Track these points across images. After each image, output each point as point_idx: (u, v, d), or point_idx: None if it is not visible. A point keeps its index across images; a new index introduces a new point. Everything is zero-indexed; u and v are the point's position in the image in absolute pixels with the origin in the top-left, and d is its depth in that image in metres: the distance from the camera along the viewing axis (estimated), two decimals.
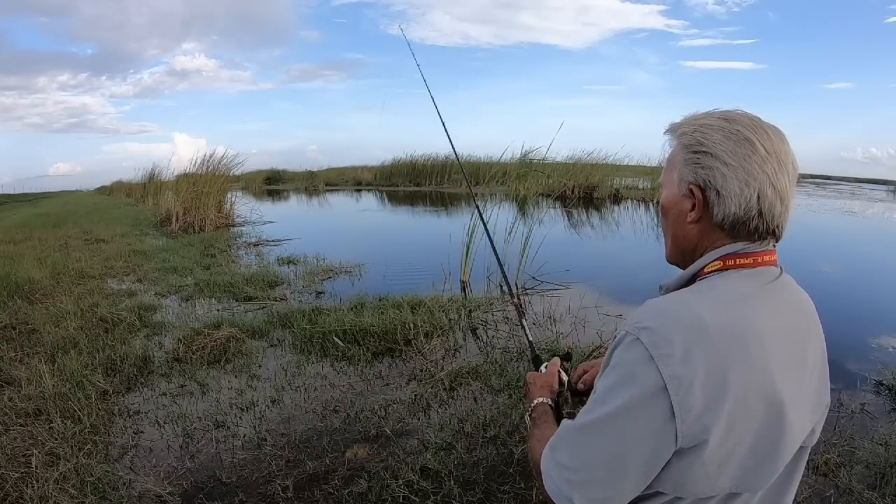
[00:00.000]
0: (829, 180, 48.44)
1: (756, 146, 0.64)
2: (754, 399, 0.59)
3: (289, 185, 25.99)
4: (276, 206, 16.75)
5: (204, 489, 1.98)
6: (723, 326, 0.60)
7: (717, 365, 0.58)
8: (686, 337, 0.59)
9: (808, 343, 0.69)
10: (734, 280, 0.66)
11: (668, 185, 0.73)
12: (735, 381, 0.58)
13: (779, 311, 0.65)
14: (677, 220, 0.72)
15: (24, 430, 2.31)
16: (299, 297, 4.72)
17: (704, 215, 0.68)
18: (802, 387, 0.66)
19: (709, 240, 0.69)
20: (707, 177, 0.66)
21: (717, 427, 0.57)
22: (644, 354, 0.59)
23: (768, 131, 0.66)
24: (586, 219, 11.72)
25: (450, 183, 21.75)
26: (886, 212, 15.78)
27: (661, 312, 0.62)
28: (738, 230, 0.66)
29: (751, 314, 0.62)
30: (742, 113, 0.68)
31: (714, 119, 0.68)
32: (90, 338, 3.49)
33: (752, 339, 0.60)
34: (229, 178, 11.47)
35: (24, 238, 8.58)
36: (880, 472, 2.05)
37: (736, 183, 0.64)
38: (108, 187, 29.51)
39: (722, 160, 0.65)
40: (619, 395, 0.59)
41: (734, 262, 0.66)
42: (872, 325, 4.03)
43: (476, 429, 2.35)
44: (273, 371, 3.08)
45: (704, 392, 0.57)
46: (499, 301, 4.57)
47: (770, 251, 0.68)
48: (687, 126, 0.70)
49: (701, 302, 0.63)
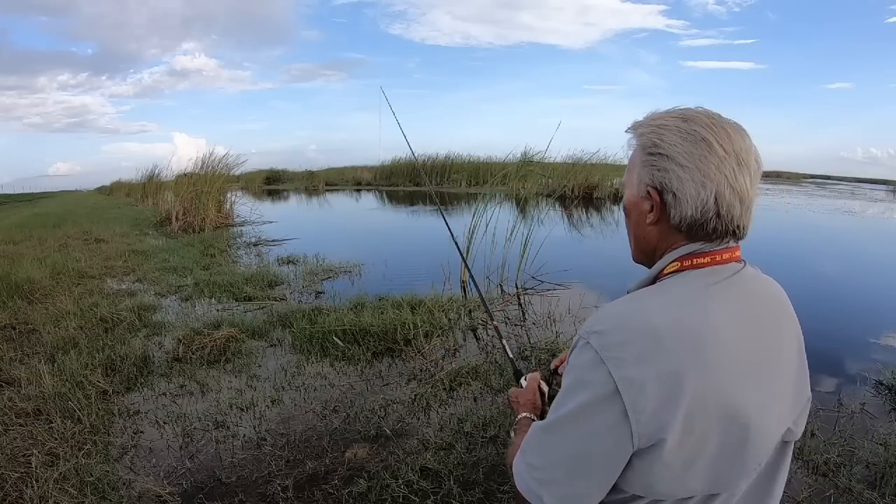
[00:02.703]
0: (829, 180, 48.48)
1: (713, 146, 0.63)
2: (713, 397, 0.58)
3: (288, 185, 25.98)
4: (275, 206, 16.75)
5: (204, 489, 1.98)
6: (673, 326, 0.59)
7: (668, 365, 0.58)
8: (635, 338, 0.59)
9: (777, 335, 0.67)
10: (688, 279, 0.65)
11: (629, 185, 0.72)
12: (690, 380, 0.57)
13: (738, 305, 0.64)
14: (638, 222, 0.71)
15: (24, 430, 2.31)
16: (299, 297, 4.72)
17: (662, 217, 0.67)
18: (772, 382, 0.64)
19: (667, 241, 0.68)
20: (663, 179, 0.65)
21: (674, 426, 0.57)
22: (594, 358, 0.60)
23: (727, 129, 0.64)
24: (586, 219, 11.72)
25: (449, 183, 21.75)
26: (886, 212, 15.78)
27: (611, 316, 0.63)
28: (695, 232, 0.65)
29: (702, 311, 0.61)
30: (701, 111, 0.66)
31: (671, 118, 0.66)
32: (90, 338, 3.49)
33: (705, 336, 0.59)
34: (229, 178, 11.47)
35: (24, 238, 8.58)
36: (880, 472, 2.05)
37: (692, 185, 0.63)
38: (108, 187, 29.52)
39: (677, 162, 0.64)
40: (575, 397, 0.61)
41: (691, 262, 0.66)
42: (872, 325, 4.03)
43: (476, 429, 2.35)
44: (273, 371, 3.08)
45: (657, 392, 0.57)
46: (498, 301, 4.57)
47: (730, 248, 0.67)
48: (645, 126, 0.68)
49: (652, 303, 0.63)
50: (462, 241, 5.40)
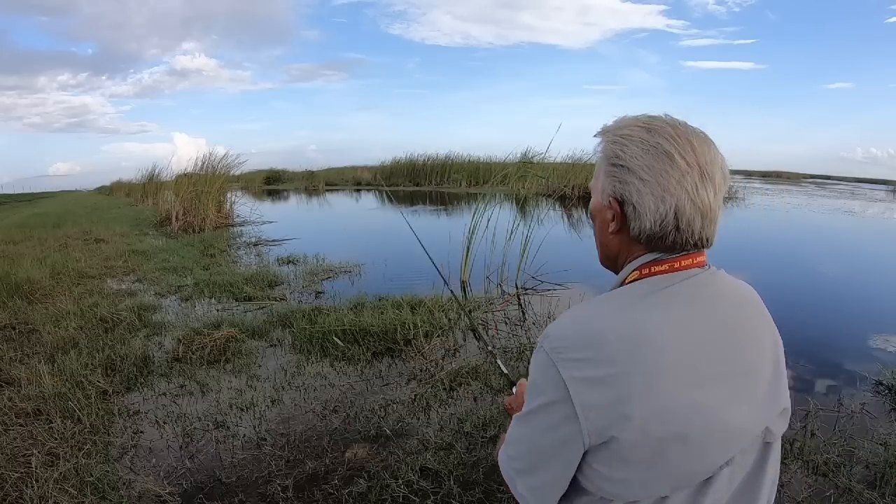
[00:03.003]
0: (829, 180, 48.47)
1: (675, 160, 0.62)
2: (661, 396, 0.59)
3: (288, 185, 25.99)
4: (275, 206, 16.75)
5: (204, 489, 1.98)
6: (616, 329, 0.61)
7: (613, 367, 0.59)
8: (581, 342, 0.61)
9: (741, 337, 0.66)
10: (640, 285, 0.66)
11: (594, 192, 0.73)
12: (635, 381, 0.59)
13: (689, 307, 0.64)
14: (601, 229, 0.72)
15: (24, 430, 2.31)
16: (299, 297, 4.72)
17: (623, 227, 0.68)
18: (734, 382, 0.64)
19: (629, 250, 0.69)
20: (623, 191, 0.65)
21: (625, 425, 0.59)
22: (546, 360, 0.63)
23: (693, 140, 0.64)
24: (586, 219, 11.72)
25: (449, 183, 21.76)
26: (886, 212, 15.79)
27: (563, 321, 0.66)
28: (654, 243, 0.66)
29: (644, 314, 0.62)
30: (666, 121, 0.66)
31: (636, 129, 0.66)
32: (90, 338, 3.49)
33: (647, 338, 0.60)
34: (229, 178, 11.48)
35: (24, 238, 8.58)
36: (880, 472, 2.05)
37: (651, 199, 0.63)
38: (108, 187, 29.54)
39: (638, 175, 0.64)
40: (534, 396, 0.66)
41: (649, 270, 0.66)
42: (872, 325, 4.03)
43: (476, 429, 2.35)
44: (273, 371, 3.08)
45: (603, 392, 0.59)
46: (499, 301, 4.57)
47: (690, 255, 0.66)
48: (611, 134, 0.68)
49: (601, 308, 0.65)
50: (462, 240, 5.41)
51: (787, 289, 5.05)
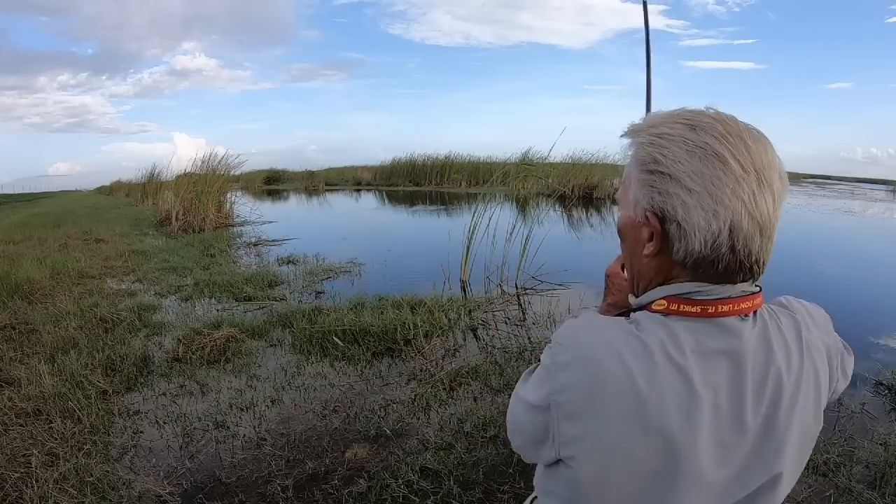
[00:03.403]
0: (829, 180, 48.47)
1: (729, 164, 0.51)
2: (637, 457, 0.54)
3: (288, 185, 25.98)
4: (275, 206, 16.75)
5: (204, 489, 1.98)
6: (622, 379, 0.53)
7: (599, 413, 0.54)
8: (582, 373, 0.56)
9: (755, 426, 0.56)
10: (670, 333, 0.54)
11: (623, 204, 0.61)
12: (615, 435, 0.54)
13: (710, 386, 0.54)
14: (633, 250, 0.61)
15: (24, 430, 2.30)
16: (299, 297, 4.71)
17: (664, 249, 0.56)
18: (720, 461, 0.55)
19: (667, 275, 0.58)
20: (665, 205, 0.53)
21: (589, 462, 0.56)
22: (548, 368, 0.60)
23: (747, 139, 0.53)
24: (586, 219, 11.72)
25: (449, 183, 21.76)
26: (886, 211, 15.78)
27: (576, 339, 0.58)
28: (703, 270, 0.54)
29: (664, 381, 0.53)
30: (712, 115, 0.54)
31: (677, 126, 0.54)
32: (90, 338, 3.48)
33: (654, 408, 0.52)
34: (229, 178, 11.47)
35: (24, 238, 8.57)
36: (880, 472, 2.05)
37: (700, 213, 0.51)
38: (108, 187, 29.52)
39: (683, 185, 0.52)
40: (528, 390, 0.64)
41: (678, 307, 0.55)
42: (872, 325, 4.03)
43: (476, 429, 2.34)
44: (273, 371, 3.08)
45: (579, 426, 0.56)
46: (499, 301, 4.57)
47: (731, 300, 0.55)
48: (644, 133, 0.56)
49: (620, 347, 0.54)
50: (462, 240, 5.41)
51: (787, 289, 5.01)
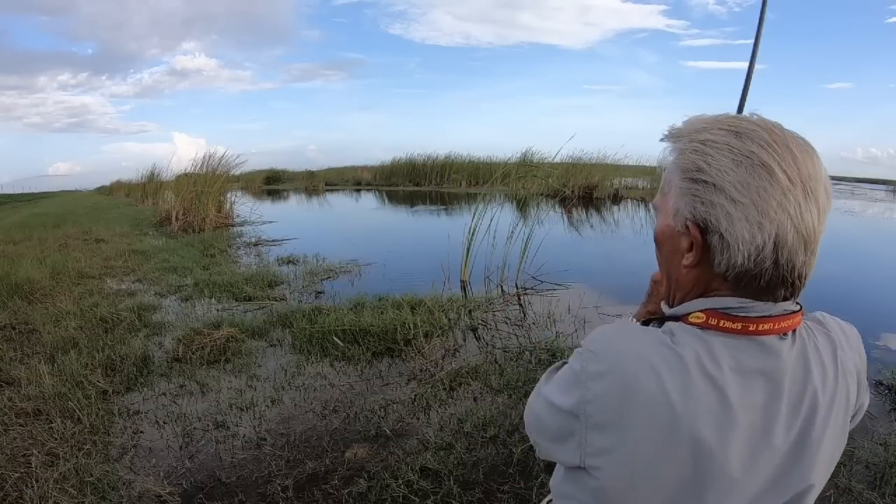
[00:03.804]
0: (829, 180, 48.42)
1: (776, 174, 0.49)
2: (665, 476, 0.53)
3: (288, 185, 25.99)
4: (275, 206, 16.75)
5: (204, 489, 1.98)
6: (656, 394, 0.51)
7: (630, 428, 0.53)
8: (616, 385, 0.54)
9: (783, 448, 0.54)
10: (708, 349, 0.53)
11: (662, 212, 0.59)
12: (644, 451, 0.53)
13: (744, 408, 0.52)
14: (671, 260, 0.59)
15: (24, 430, 2.30)
16: (299, 297, 4.71)
17: (704, 260, 0.54)
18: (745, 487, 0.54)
19: (706, 287, 0.56)
20: (708, 215, 0.52)
21: (615, 475, 0.55)
22: (578, 374, 0.57)
23: (794, 149, 0.51)
24: (586, 219, 11.72)
25: (449, 183, 21.76)
26: (886, 211, 15.79)
27: (611, 348, 0.56)
28: (745, 284, 0.53)
29: (699, 400, 0.51)
30: (759, 122, 0.52)
31: (721, 133, 0.52)
32: (90, 338, 3.48)
33: (686, 426, 0.51)
34: (229, 178, 11.48)
35: (24, 238, 8.57)
36: (880, 472, 2.05)
37: (746, 226, 0.50)
38: (108, 187, 29.53)
39: (728, 195, 0.50)
40: (554, 390, 0.62)
41: (717, 322, 0.53)
42: (872, 325, 4.03)
43: (476, 429, 2.34)
44: (273, 371, 3.08)
45: (608, 439, 0.55)
46: (499, 301, 4.57)
47: (773, 318, 0.53)
48: (686, 139, 0.55)
49: (656, 360, 0.53)
50: (462, 241, 5.41)
51: None
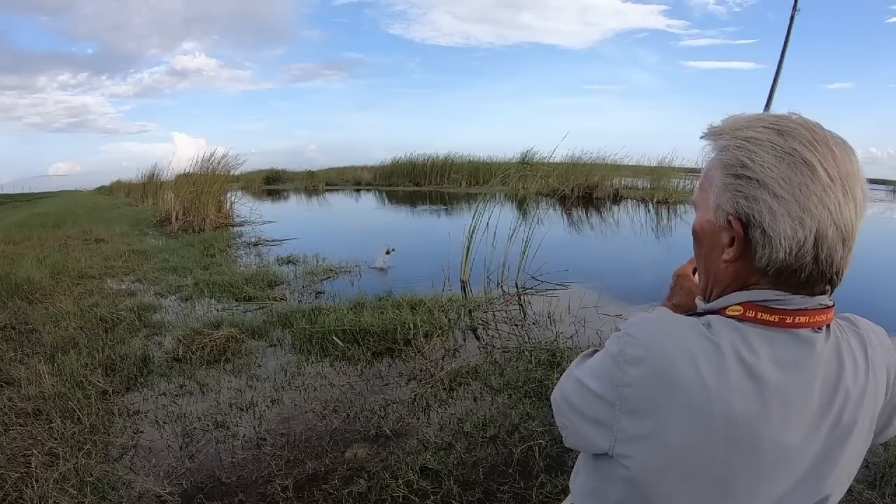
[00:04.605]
0: None
1: (817, 171, 0.51)
2: (696, 469, 0.54)
3: (288, 185, 26.00)
4: (275, 206, 16.75)
5: (203, 489, 1.98)
6: (695, 382, 0.53)
7: (665, 416, 0.54)
8: (653, 371, 0.55)
9: (819, 439, 0.57)
10: (746, 340, 0.54)
11: (702, 207, 0.61)
12: (678, 441, 0.54)
13: (781, 400, 0.53)
14: (710, 254, 0.60)
15: (24, 430, 2.30)
16: (299, 297, 4.72)
17: (745, 255, 0.56)
18: (776, 481, 0.56)
19: (745, 281, 0.58)
20: (751, 210, 0.53)
21: (645, 466, 0.56)
22: (616, 357, 0.58)
23: (833, 147, 0.52)
24: (586, 219, 11.72)
25: (449, 183, 21.77)
26: (886, 212, 15.80)
27: (651, 335, 0.57)
28: (785, 279, 0.54)
29: (736, 390, 0.53)
30: (798, 121, 0.54)
31: (764, 130, 0.54)
32: (90, 338, 3.48)
33: (720, 415, 0.53)
34: (229, 178, 11.48)
35: (24, 238, 8.57)
36: (880, 472, 2.05)
37: (787, 221, 0.51)
38: (108, 187, 29.56)
39: (771, 191, 0.52)
40: (587, 374, 0.63)
41: (755, 314, 0.55)
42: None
43: (476, 429, 2.34)
44: (273, 371, 3.08)
45: (641, 426, 0.56)
46: (499, 301, 4.57)
47: (810, 311, 0.55)
48: (729, 136, 0.56)
49: (694, 349, 0.54)
50: (462, 240, 5.41)
51: None
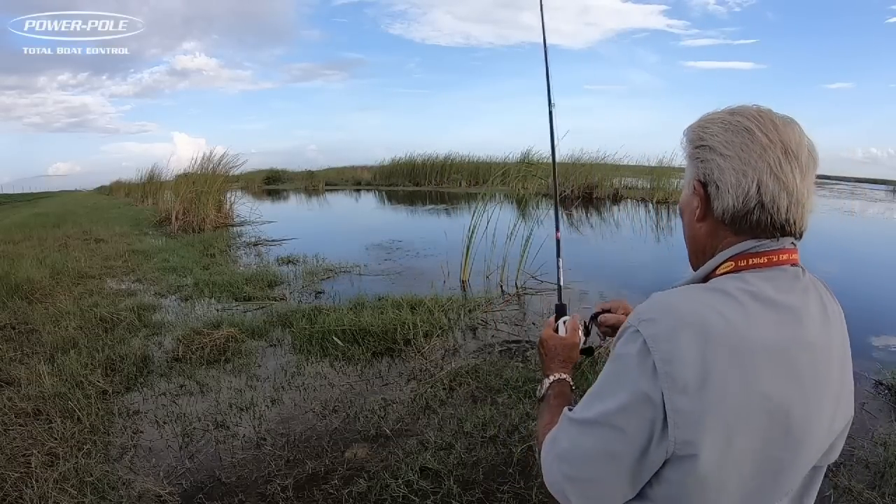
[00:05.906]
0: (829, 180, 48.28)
1: (755, 135, 0.61)
2: (758, 416, 0.57)
3: (288, 185, 26.00)
4: (275, 206, 16.75)
5: (203, 489, 1.98)
6: (725, 329, 0.56)
7: (716, 371, 0.55)
8: (687, 335, 0.56)
9: (832, 352, 0.63)
10: (748, 281, 0.61)
11: (685, 187, 0.72)
12: (735, 391, 0.55)
13: (799, 318, 0.60)
14: (689, 221, 0.70)
15: (24, 430, 2.31)
16: (299, 297, 4.71)
17: (708, 211, 0.66)
18: (822, 402, 0.61)
19: (716, 238, 0.66)
20: (705, 170, 0.65)
21: (712, 437, 0.55)
22: (643, 349, 0.57)
23: (776, 121, 0.63)
24: (586, 219, 11.72)
25: (449, 183, 21.77)
26: (886, 211, 15.80)
27: (665, 306, 0.60)
28: (739, 225, 0.63)
29: (762, 321, 0.58)
30: (750, 106, 0.66)
31: (719, 114, 0.67)
32: (90, 338, 3.48)
33: (760, 347, 0.57)
34: (228, 178, 11.49)
35: (24, 238, 8.57)
36: (880, 472, 2.05)
37: (732, 174, 0.62)
38: (108, 187, 29.54)
39: (718, 151, 0.63)
40: (616, 391, 0.59)
41: (746, 262, 0.63)
42: (872, 325, 4.03)
43: (475, 428, 2.35)
44: (272, 371, 3.08)
45: (700, 396, 0.55)
46: (499, 300, 4.57)
47: (787, 249, 0.63)
48: (695, 124, 0.69)
49: (707, 300, 0.59)
50: (462, 240, 5.41)
51: None
